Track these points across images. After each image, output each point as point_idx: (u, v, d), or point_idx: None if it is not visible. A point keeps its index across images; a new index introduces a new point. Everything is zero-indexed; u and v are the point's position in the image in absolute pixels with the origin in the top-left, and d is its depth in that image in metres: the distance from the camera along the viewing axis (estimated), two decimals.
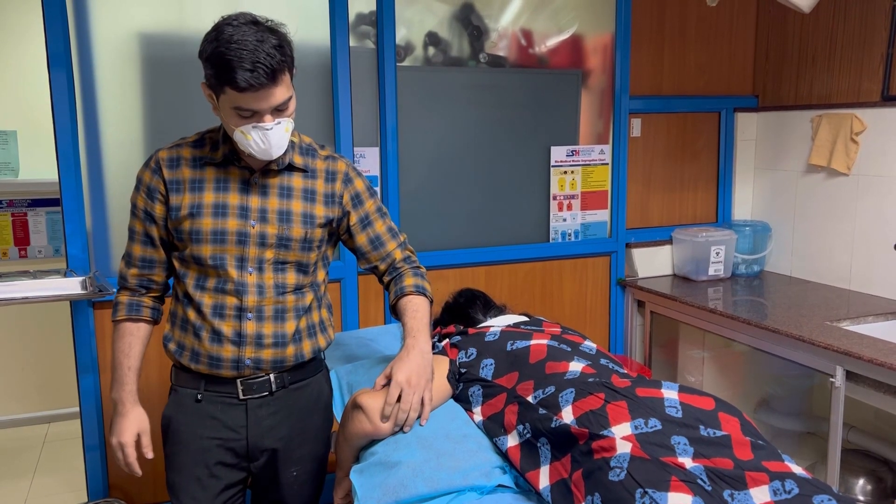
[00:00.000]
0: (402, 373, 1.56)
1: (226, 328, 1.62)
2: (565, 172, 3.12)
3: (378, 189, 2.79)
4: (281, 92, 1.48)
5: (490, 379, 1.60)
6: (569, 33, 3.05)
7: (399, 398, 1.55)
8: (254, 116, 1.49)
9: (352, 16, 2.68)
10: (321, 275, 1.76)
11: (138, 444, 1.70)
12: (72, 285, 2.29)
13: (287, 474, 1.73)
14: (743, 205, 3.48)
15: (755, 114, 3.41)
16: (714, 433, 1.30)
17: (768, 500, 1.18)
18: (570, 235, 3.17)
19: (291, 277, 1.67)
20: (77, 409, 2.52)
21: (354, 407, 1.59)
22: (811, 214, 3.14)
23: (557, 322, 1.85)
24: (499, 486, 1.44)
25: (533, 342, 1.63)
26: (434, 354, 1.70)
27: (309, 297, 1.71)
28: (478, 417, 1.59)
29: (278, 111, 1.51)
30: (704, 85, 3.34)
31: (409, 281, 1.73)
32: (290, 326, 1.67)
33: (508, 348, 1.64)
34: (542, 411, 1.43)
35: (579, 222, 3.18)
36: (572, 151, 3.12)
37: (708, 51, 3.32)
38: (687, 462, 1.24)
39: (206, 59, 1.46)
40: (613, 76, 3.14)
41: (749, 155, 3.44)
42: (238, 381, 1.65)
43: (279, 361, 1.66)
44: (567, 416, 1.38)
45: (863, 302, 2.79)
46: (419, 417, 1.57)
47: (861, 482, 2.70)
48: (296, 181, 1.66)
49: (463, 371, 1.66)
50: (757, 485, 1.20)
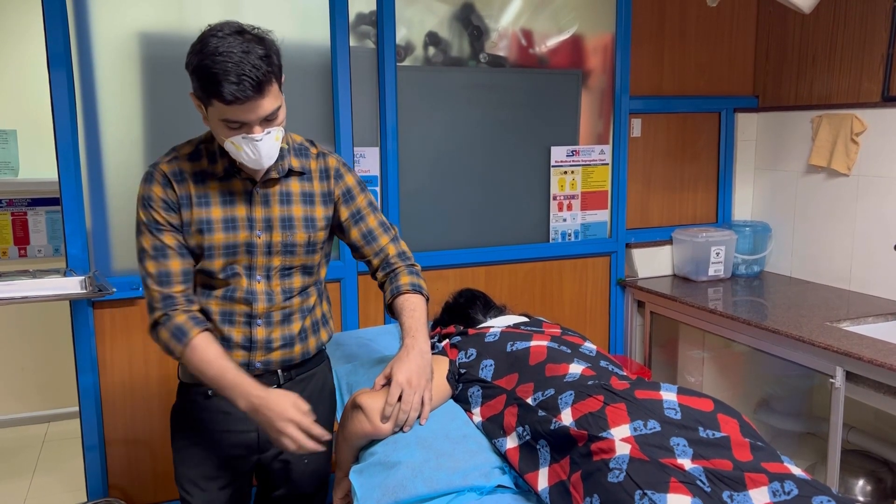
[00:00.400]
0: (403, 373, 1.56)
1: (235, 334, 1.64)
2: (565, 172, 3.12)
3: (378, 189, 2.79)
4: (268, 103, 1.46)
5: (489, 380, 1.60)
6: (569, 33, 3.05)
7: (399, 398, 1.55)
8: (242, 128, 1.47)
9: (352, 15, 2.68)
10: (323, 271, 1.79)
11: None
12: (71, 285, 2.29)
13: (298, 462, 1.76)
14: (743, 205, 3.48)
15: (755, 114, 3.40)
16: (713, 434, 1.30)
17: (767, 502, 1.18)
18: (570, 235, 3.17)
19: (298, 281, 1.69)
20: (77, 409, 2.52)
21: (354, 407, 1.59)
22: (811, 215, 3.14)
23: (557, 323, 1.85)
24: (498, 487, 1.44)
25: (533, 343, 1.63)
26: (434, 354, 1.70)
27: (313, 297, 1.74)
28: (477, 418, 1.59)
29: (267, 121, 1.49)
30: (705, 85, 3.34)
31: (405, 279, 1.73)
32: (297, 327, 1.70)
33: (508, 349, 1.64)
34: (542, 413, 1.43)
35: (579, 222, 3.18)
36: (572, 151, 3.12)
37: (708, 51, 3.31)
38: (686, 463, 1.24)
39: (192, 72, 1.44)
40: (614, 76, 3.13)
41: (749, 155, 3.44)
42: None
43: (287, 361, 1.70)
44: (566, 419, 1.38)
45: (863, 302, 2.79)
46: (419, 417, 1.57)
47: (861, 483, 2.70)
48: (294, 185, 1.67)
49: (462, 371, 1.66)
50: (756, 486, 1.20)
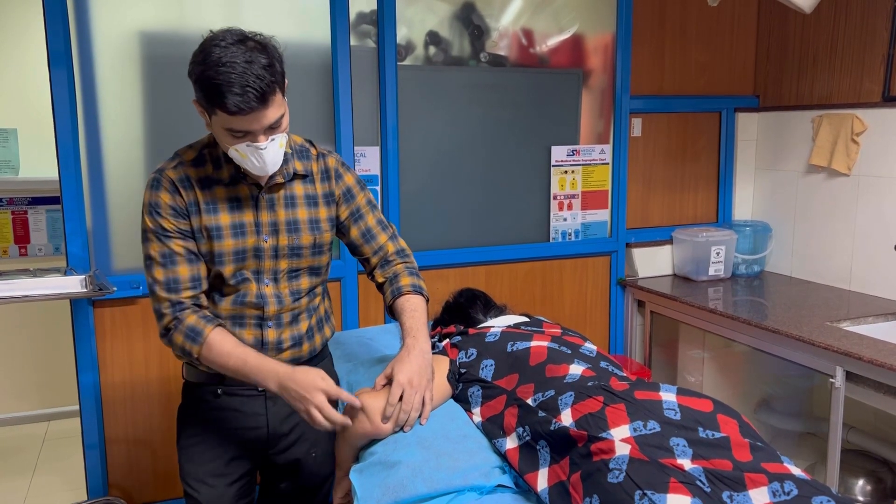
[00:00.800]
0: (404, 373, 1.56)
1: (247, 336, 1.65)
2: (566, 172, 3.12)
3: (378, 188, 2.79)
4: (272, 112, 1.46)
5: (490, 380, 1.60)
6: (569, 33, 3.05)
7: (400, 398, 1.55)
8: (247, 136, 1.47)
9: (352, 15, 2.68)
10: (328, 272, 1.81)
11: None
12: (72, 283, 2.30)
13: (307, 455, 1.78)
14: (743, 205, 3.48)
15: (756, 114, 3.40)
16: (713, 435, 1.30)
17: (767, 502, 1.18)
18: (571, 235, 3.17)
19: (305, 282, 1.71)
20: (77, 408, 2.52)
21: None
22: (812, 215, 3.14)
23: (558, 323, 1.85)
24: (498, 487, 1.44)
25: (533, 344, 1.63)
26: (434, 354, 1.70)
27: (318, 297, 1.77)
28: (477, 418, 1.59)
29: (271, 129, 1.49)
30: (705, 85, 3.34)
31: (406, 280, 1.74)
32: (304, 326, 1.72)
33: (509, 349, 1.64)
34: (542, 414, 1.43)
35: (580, 222, 3.18)
36: (573, 151, 3.12)
37: (709, 50, 3.31)
38: (686, 463, 1.24)
39: (195, 82, 1.44)
40: (614, 76, 3.13)
41: (750, 155, 3.44)
42: None
43: (296, 359, 1.71)
44: (566, 419, 1.38)
45: (863, 302, 2.79)
46: (419, 417, 1.57)
47: (861, 483, 2.70)
48: (297, 188, 1.67)
49: (463, 371, 1.66)
50: (756, 486, 1.21)
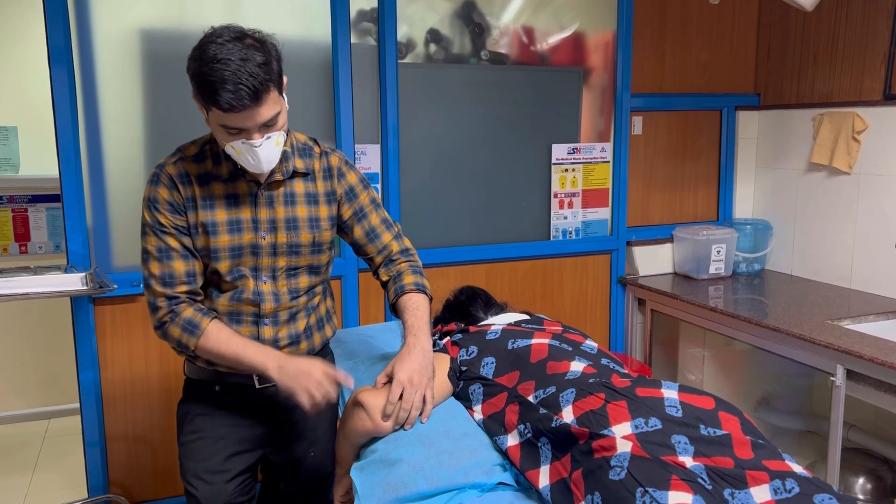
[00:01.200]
0: (405, 371, 1.56)
1: (243, 332, 1.65)
2: (566, 170, 3.12)
3: (379, 186, 2.79)
4: (266, 110, 1.46)
5: (491, 377, 1.60)
6: (570, 31, 3.05)
7: (401, 396, 1.55)
8: (241, 133, 1.47)
9: (353, 12, 2.67)
10: (329, 271, 1.80)
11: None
12: (72, 281, 2.29)
13: (306, 454, 1.79)
14: (744, 203, 3.48)
15: (757, 112, 3.40)
16: (714, 432, 1.30)
17: (769, 500, 1.18)
18: (571, 233, 3.17)
19: (304, 281, 1.70)
20: (77, 405, 2.52)
21: (355, 405, 1.59)
22: (812, 213, 3.14)
23: (558, 320, 1.85)
24: (499, 484, 1.44)
25: (534, 341, 1.63)
26: (435, 352, 1.70)
27: (318, 295, 1.76)
28: (478, 416, 1.59)
29: (266, 127, 1.49)
30: (706, 83, 3.33)
31: (409, 279, 1.74)
32: (302, 325, 1.72)
33: (509, 347, 1.64)
34: (543, 411, 1.43)
35: (580, 220, 3.18)
36: (573, 149, 3.12)
37: (710, 49, 3.31)
38: (687, 461, 1.24)
39: (191, 78, 1.45)
40: (615, 74, 3.13)
41: (750, 153, 3.43)
42: (254, 374, 1.67)
43: None
44: (567, 416, 1.38)
45: (863, 301, 2.79)
46: (420, 415, 1.57)
47: (861, 481, 2.70)
48: (298, 186, 1.67)
49: (464, 369, 1.66)
50: (757, 484, 1.20)
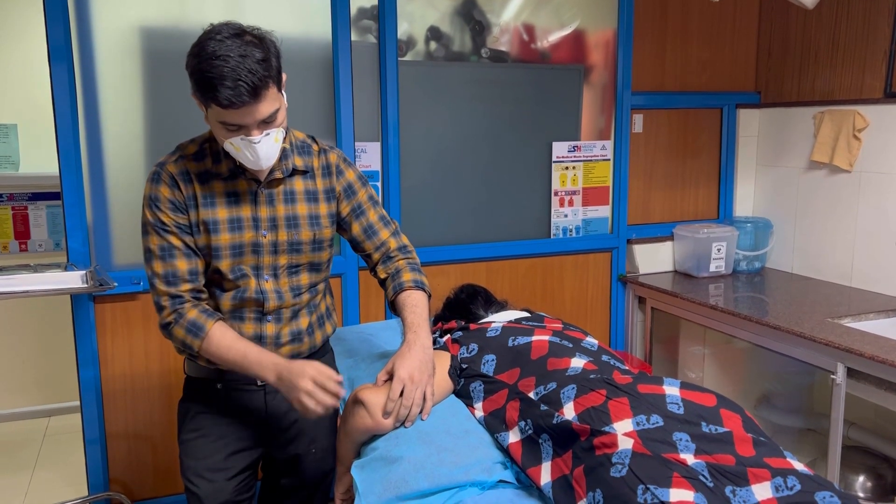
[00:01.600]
0: (405, 369, 1.56)
1: (246, 329, 1.65)
2: (567, 168, 3.12)
3: (379, 184, 2.79)
4: (265, 107, 1.46)
5: (491, 375, 1.60)
6: (571, 28, 3.04)
7: (401, 394, 1.55)
8: (240, 130, 1.47)
9: (353, 10, 2.67)
10: (329, 268, 1.80)
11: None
12: (72, 279, 2.29)
13: (307, 451, 1.78)
14: (744, 201, 3.48)
15: (757, 110, 3.40)
16: (716, 430, 1.30)
17: (770, 497, 1.19)
18: (572, 231, 3.17)
19: (305, 278, 1.70)
20: (77, 403, 2.52)
21: (356, 402, 1.59)
22: (813, 211, 3.14)
23: (559, 318, 1.85)
24: (500, 482, 1.44)
25: (535, 338, 1.63)
26: (435, 350, 1.70)
27: (319, 294, 1.76)
28: (479, 413, 1.59)
29: (265, 123, 1.48)
30: (707, 81, 3.33)
31: (408, 276, 1.74)
32: (304, 322, 1.71)
33: (510, 344, 1.64)
34: (544, 408, 1.43)
35: (580, 218, 3.18)
36: (574, 147, 3.11)
37: (710, 46, 3.31)
38: (689, 458, 1.24)
39: (190, 75, 1.44)
40: (615, 71, 3.13)
41: (751, 151, 3.43)
42: None
43: (296, 355, 1.70)
44: (569, 413, 1.38)
45: (864, 299, 2.79)
46: (420, 413, 1.57)
47: (861, 479, 2.70)
48: (297, 184, 1.67)
49: (464, 367, 1.66)
50: (759, 481, 1.21)
